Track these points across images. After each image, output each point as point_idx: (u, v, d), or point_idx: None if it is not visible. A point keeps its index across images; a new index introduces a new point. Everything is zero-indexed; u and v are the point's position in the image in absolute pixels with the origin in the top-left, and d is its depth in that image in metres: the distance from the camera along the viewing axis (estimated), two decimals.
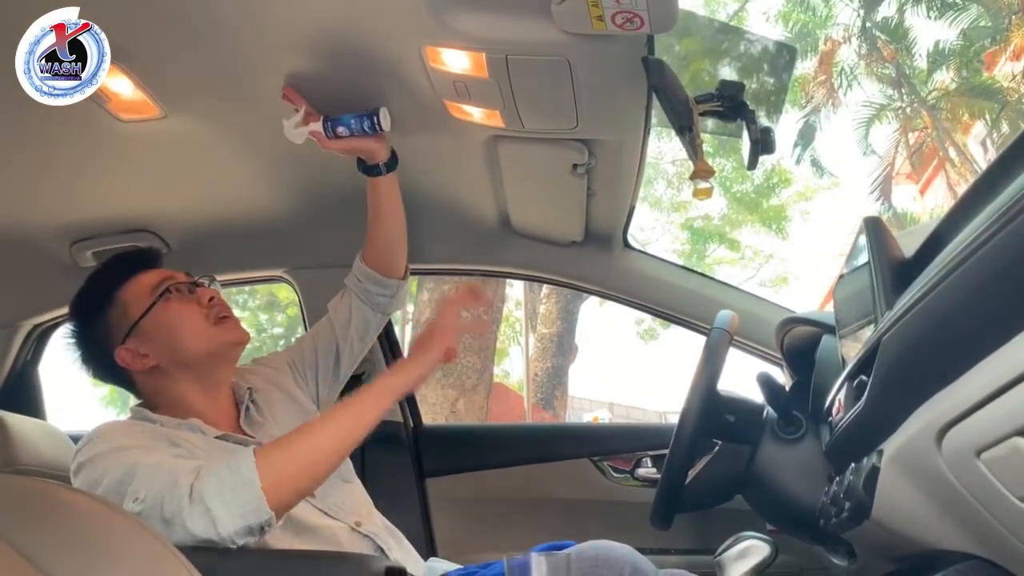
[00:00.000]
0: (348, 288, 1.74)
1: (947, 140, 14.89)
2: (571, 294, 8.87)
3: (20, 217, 1.88)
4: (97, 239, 1.98)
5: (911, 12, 14.51)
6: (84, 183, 1.81)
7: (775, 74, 1.82)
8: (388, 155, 1.64)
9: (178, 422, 1.38)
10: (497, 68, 1.37)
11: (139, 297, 1.44)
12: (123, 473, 1.18)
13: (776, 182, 14.37)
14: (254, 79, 1.51)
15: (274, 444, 1.23)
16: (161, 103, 1.51)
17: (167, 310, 1.43)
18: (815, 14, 15.06)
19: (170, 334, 1.42)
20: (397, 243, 1.74)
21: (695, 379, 1.54)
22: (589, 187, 1.81)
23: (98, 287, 1.48)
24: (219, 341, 1.45)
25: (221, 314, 1.47)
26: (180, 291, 1.46)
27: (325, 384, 1.70)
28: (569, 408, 10.61)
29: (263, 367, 1.64)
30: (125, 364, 1.43)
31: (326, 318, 1.74)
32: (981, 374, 0.78)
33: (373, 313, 1.74)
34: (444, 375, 5.93)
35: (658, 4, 1.14)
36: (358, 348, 1.74)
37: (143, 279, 1.47)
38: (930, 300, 0.85)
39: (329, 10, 1.33)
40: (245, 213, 2.01)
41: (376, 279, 1.72)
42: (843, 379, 1.18)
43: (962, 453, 0.80)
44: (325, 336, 1.71)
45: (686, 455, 1.52)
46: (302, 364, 1.68)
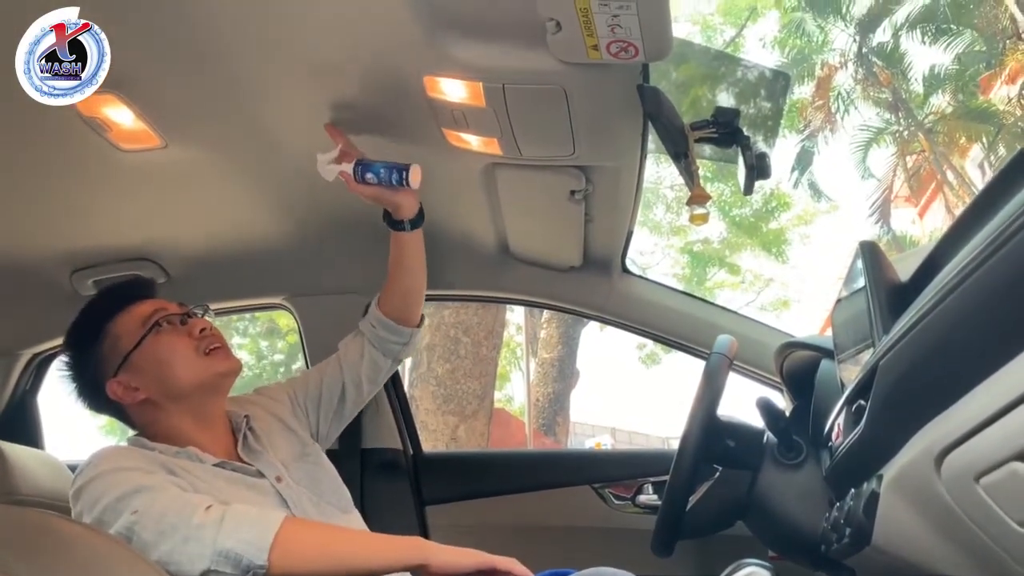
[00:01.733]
0: (361, 332, 1.75)
1: (944, 163, 14.98)
2: (572, 319, 8.87)
3: (21, 245, 1.88)
4: (98, 267, 1.98)
5: (906, 37, 14.69)
6: (85, 212, 1.82)
7: (770, 100, 1.84)
8: (415, 213, 1.65)
9: (176, 450, 1.37)
10: (494, 97, 1.38)
11: (130, 330, 1.44)
12: (125, 491, 1.20)
13: (775, 206, 14.44)
14: (254, 108, 1.52)
15: (307, 522, 1.30)
16: (162, 133, 1.53)
17: (157, 343, 1.43)
18: (811, 40, 15.23)
19: (160, 367, 1.42)
20: (416, 295, 1.75)
21: (694, 405, 1.54)
22: (587, 213, 1.82)
23: (90, 319, 1.49)
24: (210, 372, 1.45)
25: (212, 344, 1.46)
26: (171, 323, 1.46)
27: (326, 420, 1.70)
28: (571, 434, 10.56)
29: (262, 397, 1.64)
30: (117, 397, 1.43)
31: (336, 356, 1.74)
32: (979, 397, 0.78)
33: (384, 359, 1.75)
34: (445, 401, 5.92)
35: (652, 34, 1.16)
36: (367, 389, 1.74)
37: (135, 311, 1.47)
38: (926, 324, 0.86)
39: (329, 40, 1.34)
40: (245, 241, 2.02)
41: (391, 327, 1.73)
42: (842, 404, 1.18)
43: (961, 478, 0.80)
44: (332, 373, 1.71)
45: (686, 481, 1.51)
46: (304, 397, 1.68)
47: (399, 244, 1.69)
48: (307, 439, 1.61)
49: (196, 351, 1.44)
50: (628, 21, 1.14)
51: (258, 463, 1.44)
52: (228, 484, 1.36)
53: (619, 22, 1.14)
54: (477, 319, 6.02)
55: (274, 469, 1.45)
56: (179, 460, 1.35)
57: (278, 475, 1.45)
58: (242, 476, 1.41)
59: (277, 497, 1.41)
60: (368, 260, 1.88)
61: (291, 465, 1.50)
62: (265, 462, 1.45)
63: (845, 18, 15.09)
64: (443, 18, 1.26)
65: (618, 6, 1.11)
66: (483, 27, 1.27)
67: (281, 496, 1.42)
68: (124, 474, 1.24)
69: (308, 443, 1.60)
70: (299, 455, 1.55)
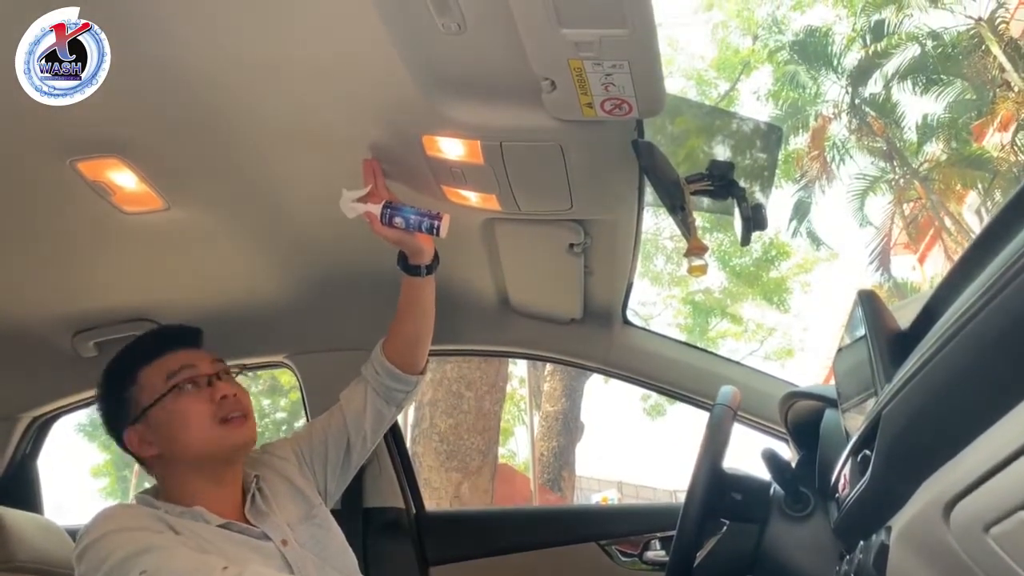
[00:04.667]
0: (364, 379, 1.71)
1: (942, 210, 15.09)
2: (575, 371, 8.82)
3: (22, 308, 1.89)
4: (100, 329, 1.98)
5: (897, 88, 14.95)
6: (88, 274, 1.83)
7: (765, 152, 1.86)
8: (432, 258, 1.63)
9: (181, 510, 1.36)
10: (492, 154, 1.41)
11: (154, 383, 1.43)
12: (132, 551, 1.19)
13: (775, 255, 14.51)
14: (255, 169, 1.55)
15: None
16: (164, 195, 1.55)
17: (176, 404, 1.41)
18: (804, 92, 15.50)
19: (174, 429, 1.40)
20: (424, 340, 1.72)
21: (699, 458, 1.52)
22: (586, 265, 1.83)
23: (125, 362, 1.49)
24: (223, 443, 1.42)
25: (232, 413, 1.43)
26: (196, 384, 1.43)
27: (334, 476, 1.66)
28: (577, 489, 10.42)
29: (270, 455, 1.62)
30: (131, 447, 1.43)
31: (338, 408, 1.70)
32: (985, 445, 0.77)
33: (388, 407, 1.71)
34: (448, 457, 5.85)
35: (645, 91, 1.19)
36: (371, 440, 1.70)
37: (164, 363, 1.45)
38: (928, 372, 0.85)
39: (328, 104, 1.37)
40: (246, 299, 2.03)
41: (396, 374, 1.69)
42: (847, 454, 1.17)
43: (971, 528, 0.78)
44: (336, 427, 1.67)
45: (693, 536, 1.48)
46: (310, 454, 1.64)
47: (413, 289, 1.66)
48: (314, 499, 1.58)
49: (213, 418, 1.41)
50: (621, 79, 1.16)
51: (264, 525, 1.43)
52: (234, 546, 1.35)
53: (612, 80, 1.16)
54: (480, 373, 5.99)
55: (280, 532, 1.43)
56: (184, 520, 1.33)
57: (284, 538, 1.43)
58: (247, 538, 1.39)
59: (282, 560, 1.39)
60: (368, 317, 1.88)
61: (297, 527, 1.48)
62: (271, 524, 1.43)
63: (837, 70, 15.39)
64: (441, 79, 1.29)
65: (611, 65, 1.13)
66: (480, 87, 1.30)
67: (286, 560, 1.40)
68: (130, 534, 1.23)
69: (315, 504, 1.57)
70: (305, 517, 1.52)
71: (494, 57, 1.22)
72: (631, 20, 1.06)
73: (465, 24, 1.13)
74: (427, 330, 1.72)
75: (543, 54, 1.15)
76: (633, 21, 1.06)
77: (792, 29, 15.40)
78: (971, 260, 1.02)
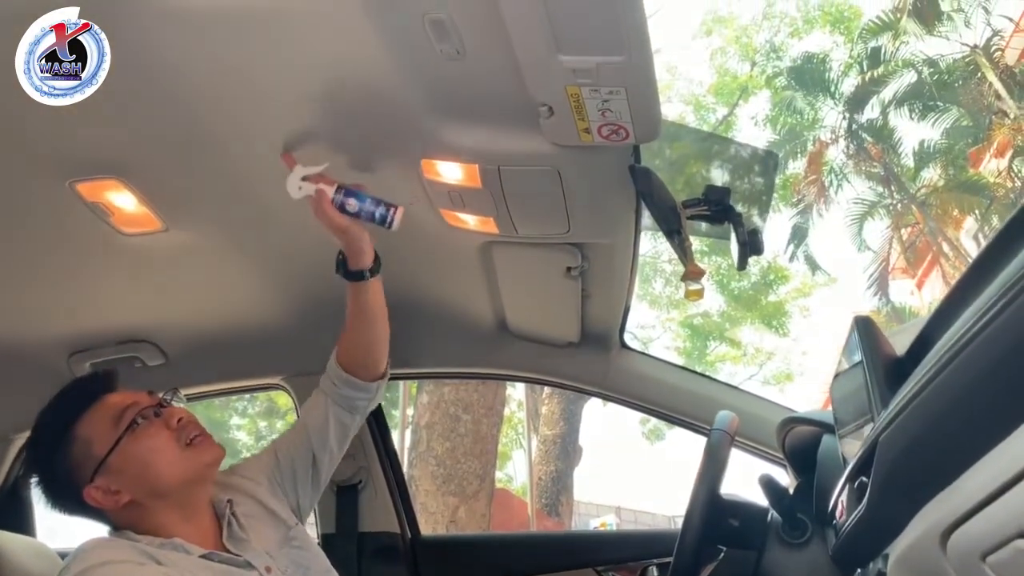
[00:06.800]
0: (322, 391, 1.66)
1: (939, 235, 15.14)
2: (573, 394, 8.79)
3: (18, 328, 1.88)
4: (95, 350, 1.98)
5: (894, 114, 15.06)
6: (84, 295, 1.83)
7: (761, 177, 1.87)
8: (372, 260, 1.56)
9: (161, 541, 1.32)
10: (490, 178, 1.42)
11: (102, 432, 1.35)
12: None
13: (773, 279, 14.53)
14: (253, 191, 1.55)
15: None
16: (163, 216, 1.55)
17: (136, 443, 1.35)
18: (802, 117, 15.61)
19: (143, 468, 1.34)
20: (381, 345, 1.65)
21: (696, 483, 1.51)
22: (584, 289, 1.83)
23: (52, 426, 1.38)
24: (195, 465, 1.38)
25: (193, 434, 1.39)
26: (146, 417, 1.38)
27: (305, 492, 1.62)
28: (575, 514, 10.33)
29: (239, 478, 1.57)
30: (97, 503, 1.34)
31: (300, 424, 1.66)
32: (981, 473, 0.76)
33: (352, 416, 1.65)
34: (444, 482, 5.80)
35: (642, 117, 1.19)
36: (337, 453, 1.65)
37: (103, 409, 1.37)
38: (924, 398, 0.85)
39: (327, 124, 1.38)
40: (243, 321, 2.02)
41: (356, 384, 1.64)
42: (844, 480, 1.16)
43: (967, 557, 0.78)
44: (301, 444, 1.62)
45: (690, 563, 1.47)
46: (280, 476, 1.60)
47: (362, 294, 1.57)
48: (290, 519, 1.54)
49: (178, 444, 1.37)
50: (618, 105, 1.17)
51: (246, 553, 1.39)
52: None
53: (609, 106, 1.17)
54: (477, 395, 5.96)
55: (262, 559, 1.40)
56: (165, 552, 1.30)
57: (267, 565, 1.40)
58: (230, 568, 1.36)
59: None
60: None
61: (276, 553, 1.45)
62: (252, 552, 1.40)
63: (834, 96, 15.52)
64: (440, 104, 1.30)
65: (608, 91, 1.14)
66: (479, 112, 1.31)
67: None
68: (113, 567, 1.20)
69: (291, 524, 1.53)
70: (284, 540, 1.49)
71: (492, 83, 1.23)
72: (628, 47, 1.07)
73: (464, 50, 1.14)
74: (383, 333, 1.64)
75: (541, 80, 1.16)
76: (630, 48, 1.07)
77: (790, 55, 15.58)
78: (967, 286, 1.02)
